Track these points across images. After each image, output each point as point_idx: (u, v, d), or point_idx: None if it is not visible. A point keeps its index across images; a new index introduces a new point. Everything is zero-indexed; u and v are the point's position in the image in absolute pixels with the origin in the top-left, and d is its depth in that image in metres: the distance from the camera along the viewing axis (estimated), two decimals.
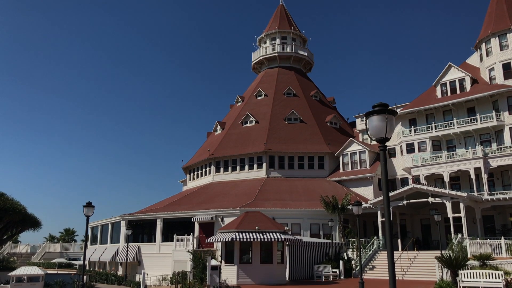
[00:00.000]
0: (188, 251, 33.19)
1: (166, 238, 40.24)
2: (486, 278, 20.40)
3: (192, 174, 54.15)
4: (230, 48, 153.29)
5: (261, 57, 59.02)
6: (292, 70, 58.06)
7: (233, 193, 43.52)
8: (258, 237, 26.51)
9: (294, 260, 31.17)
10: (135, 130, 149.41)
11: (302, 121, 50.99)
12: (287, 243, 29.74)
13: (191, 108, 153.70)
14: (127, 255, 38.65)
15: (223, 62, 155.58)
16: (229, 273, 26.79)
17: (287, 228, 32.31)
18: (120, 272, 40.61)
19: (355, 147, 45.97)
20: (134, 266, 40.78)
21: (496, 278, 20.16)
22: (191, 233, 38.23)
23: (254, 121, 51.54)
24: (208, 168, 50.35)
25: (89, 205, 20.37)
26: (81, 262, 46.39)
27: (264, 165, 46.88)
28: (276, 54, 57.81)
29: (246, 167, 47.81)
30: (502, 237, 29.35)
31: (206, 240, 30.89)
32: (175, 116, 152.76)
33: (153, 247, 40.72)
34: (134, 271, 39.85)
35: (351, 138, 47.28)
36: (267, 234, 26.81)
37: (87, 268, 45.06)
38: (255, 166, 47.41)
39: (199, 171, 52.30)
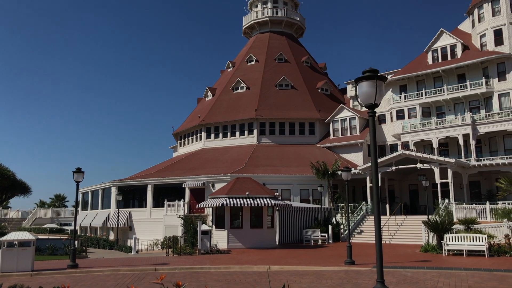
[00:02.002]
0: (179, 216, 33.53)
1: (157, 203, 40.55)
2: (470, 241, 20.95)
3: (182, 140, 54.07)
4: (221, 12, 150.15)
5: (252, 22, 57.94)
6: (284, 35, 57.19)
7: (224, 159, 43.67)
8: (249, 202, 26.79)
9: (284, 225, 31.69)
10: (125, 95, 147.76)
11: (293, 87, 50.69)
12: (277, 208, 30.15)
13: (181, 73, 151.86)
14: (118, 220, 38.97)
15: (214, 26, 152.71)
16: (220, 237, 27.21)
17: (277, 194, 32.65)
18: (111, 237, 41.08)
19: (345, 113, 46.02)
20: (125, 231, 41.23)
21: (479, 241, 20.71)
22: (182, 199, 38.52)
23: (245, 87, 51.12)
24: (198, 135, 50.27)
25: (78, 171, 20.28)
26: (72, 228, 46.77)
27: (255, 131, 46.88)
28: (267, 19, 56.74)
29: (237, 133, 47.78)
30: (487, 202, 30.00)
31: (197, 206, 31.17)
32: (166, 81, 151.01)
33: (144, 213, 41.07)
34: (126, 236, 40.32)
35: (341, 105, 47.24)
36: (257, 199, 27.10)
37: (78, 233, 45.48)
38: (246, 132, 47.40)
39: (190, 137, 52.21)
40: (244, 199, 26.95)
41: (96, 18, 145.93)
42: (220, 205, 26.89)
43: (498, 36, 39.44)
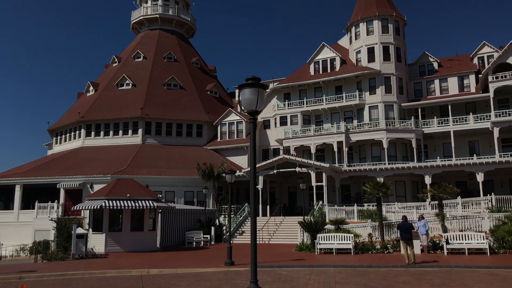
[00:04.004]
0: (52, 219, 31.14)
1: (27, 205, 37.08)
2: (339, 240, 22.82)
3: (59, 137, 50.06)
4: (107, 3, 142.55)
5: (141, 17, 56.15)
6: (174, 34, 56.42)
7: (105, 159, 41.54)
8: (129, 204, 25.90)
9: (166, 227, 31.24)
10: None
11: (182, 87, 50.22)
12: (160, 210, 29.61)
13: (60, 65, 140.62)
14: None
15: (100, 18, 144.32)
16: (97, 241, 25.83)
17: (161, 196, 32.10)
18: None
19: (233, 117, 46.94)
20: None
21: (347, 240, 22.68)
22: (56, 200, 35.75)
23: (131, 84, 49.27)
24: (78, 132, 47.00)
25: None
26: None
27: (140, 131, 45.39)
28: (157, 16, 55.46)
29: (120, 132, 45.78)
30: (355, 204, 33.01)
31: (73, 208, 29.19)
32: (42, 72, 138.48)
33: (11, 215, 37.23)
34: None
35: (229, 108, 48.10)
36: (139, 201, 26.34)
37: None
38: (130, 131, 45.65)
39: (68, 134, 48.59)
40: (125, 201, 25.97)
41: None
42: (99, 207, 25.54)
43: (371, 53, 43.67)
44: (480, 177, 33.88)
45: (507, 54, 38.20)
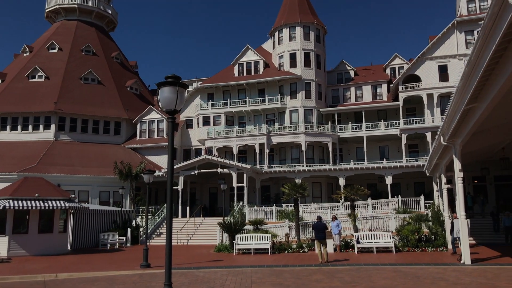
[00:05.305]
0: None
1: None
2: (257, 240, 23.17)
3: None
4: None
5: (57, 6, 52.75)
6: (93, 26, 53.72)
7: (11, 155, 38.45)
8: (38, 204, 24.20)
9: (79, 229, 29.66)
10: None
11: (100, 82, 47.99)
12: (72, 211, 28.02)
13: None
14: None
15: (7, 2, 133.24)
16: None
17: (73, 196, 30.36)
18: None
19: (154, 115, 45.78)
20: None
21: (264, 240, 23.09)
22: None
23: (43, 76, 46.09)
24: None
25: None
26: None
27: (53, 126, 42.64)
28: (75, 6, 52.46)
29: (30, 127, 42.66)
30: (274, 204, 33.75)
31: None
32: None
33: None
34: None
35: (150, 106, 46.86)
36: (49, 201, 24.71)
37: None
38: (41, 126, 42.71)
39: None
40: (33, 201, 24.21)
41: None
42: (2, 207, 23.53)
43: (293, 59, 44.93)
44: (388, 180, 36.29)
45: (415, 66, 41.37)
